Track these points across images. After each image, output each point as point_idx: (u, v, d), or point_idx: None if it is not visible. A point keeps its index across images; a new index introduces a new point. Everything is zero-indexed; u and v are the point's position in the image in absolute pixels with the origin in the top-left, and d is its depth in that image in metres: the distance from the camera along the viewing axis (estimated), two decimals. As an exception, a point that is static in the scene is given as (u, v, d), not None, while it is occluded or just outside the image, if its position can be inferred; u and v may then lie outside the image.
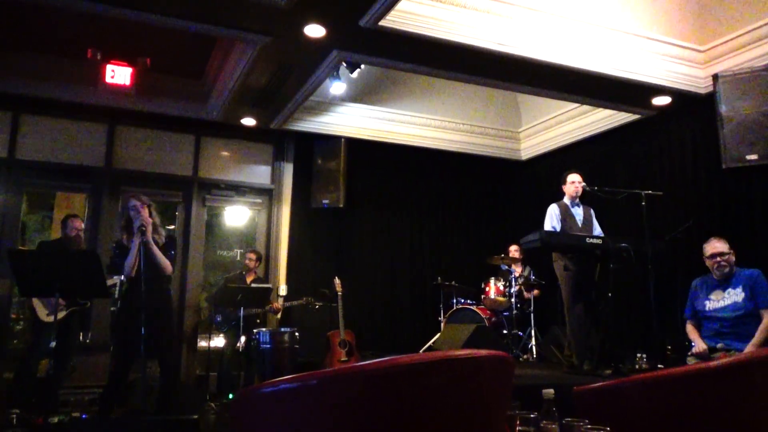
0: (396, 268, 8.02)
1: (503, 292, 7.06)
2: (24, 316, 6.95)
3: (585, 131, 7.58)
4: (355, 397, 1.43)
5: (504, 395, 1.66)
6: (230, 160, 7.64)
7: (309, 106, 7.23)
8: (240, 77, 5.99)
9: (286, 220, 7.62)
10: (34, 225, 9.04)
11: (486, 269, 7.53)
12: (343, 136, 7.60)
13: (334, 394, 1.45)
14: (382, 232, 8.04)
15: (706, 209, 6.04)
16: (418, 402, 1.45)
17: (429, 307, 7.79)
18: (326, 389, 1.46)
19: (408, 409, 1.44)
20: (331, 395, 1.46)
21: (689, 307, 4.64)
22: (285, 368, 5.52)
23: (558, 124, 8.01)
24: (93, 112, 6.81)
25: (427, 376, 1.46)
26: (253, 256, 6.86)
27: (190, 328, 7.14)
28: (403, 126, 7.95)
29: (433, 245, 8.27)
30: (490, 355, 1.57)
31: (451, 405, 1.49)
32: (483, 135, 8.43)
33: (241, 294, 5.90)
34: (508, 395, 1.68)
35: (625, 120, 7.01)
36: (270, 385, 1.54)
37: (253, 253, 6.92)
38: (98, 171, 6.92)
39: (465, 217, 8.51)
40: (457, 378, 1.50)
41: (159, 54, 6.04)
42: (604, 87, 6.01)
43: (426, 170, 8.33)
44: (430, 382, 1.46)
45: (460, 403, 1.50)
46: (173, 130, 7.29)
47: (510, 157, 8.66)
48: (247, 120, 7.17)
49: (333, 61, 5.62)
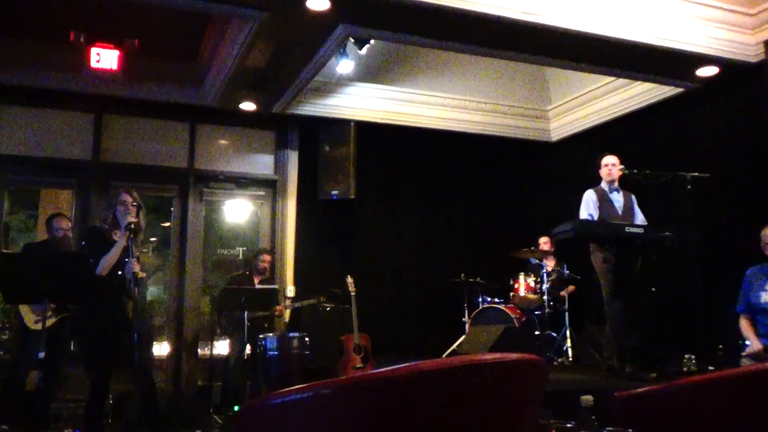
0: (414, 265, 8.02)
1: (534, 288, 7.04)
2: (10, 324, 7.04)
3: (622, 108, 7.52)
4: (373, 407, 1.44)
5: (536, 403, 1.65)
6: (229, 150, 7.67)
7: (314, 87, 7.23)
8: (237, 58, 6.00)
9: (292, 214, 7.64)
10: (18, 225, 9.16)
11: (514, 264, 7.49)
12: (352, 120, 7.59)
13: (350, 405, 1.46)
14: (397, 225, 8.04)
15: (760, 192, 5.96)
16: (442, 412, 1.45)
17: (452, 306, 7.78)
18: (341, 399, 1.47)
19: (431, 419, 1.44)
20: (346, 405, 1.47)
21: (742, 300, 4.60)
22: (294, 377, 5.56)
23: (591, 100, 7.94)
24: (78, 100, 6.86)
25: (451, 384, 1.46)
26: (268, 257, 6.85)
27: (190, 334, 7.21)
28: (419, 107, 7.93)
29: (454, 238, 8.25)
30: (521, 359, 1.57)
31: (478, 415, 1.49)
32: (507, 114, 8.38)
33: (245, 296, 5.91)
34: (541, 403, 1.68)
35: (666, 94, 6.93)
36: (279, 395, 1.55)
37: (269, 254, 6.92)
38: (85, 165, 6.98)
39: (489, 207, 8.47)
40: (485, 385, 1.50)
41: (148, 35, 6.06)
42: (643, 58, 5.95)
43: (445, 155, 8.31)
44: (455, 390, 1.46)
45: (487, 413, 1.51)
46: (166, 117, 7.33)
47: (538, 138, 8.60)
48: (247, 105, 7.19)
49: (339, 36, 5.61)
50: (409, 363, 1.45)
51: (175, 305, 7.22)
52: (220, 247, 8.35)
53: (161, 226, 8.47)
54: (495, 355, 1.53)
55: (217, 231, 8.62)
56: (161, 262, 7.77)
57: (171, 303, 7.30)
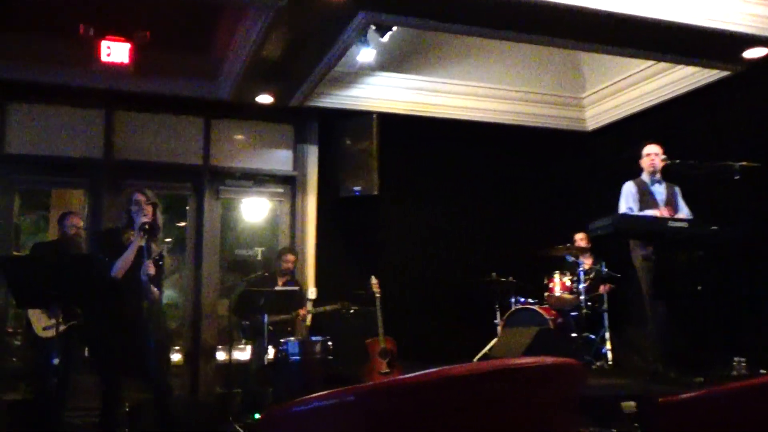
0: (442, 263, 8.01)
1: (570, 288, 7.01)
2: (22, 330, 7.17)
3: (662, 94, 7.43)
4: (400, 415, 1.44)
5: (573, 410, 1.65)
6: (246, 145, 7.72)
7: (333, 78, 7.24)
8: (253, 48, 6.03)
9: (312, 212, 7.67)
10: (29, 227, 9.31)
11: (548, 262, 7.46)
12: (374, 112, 7.60)
13: (376, 413, 1.47)
14: (424, 222, 8.04)
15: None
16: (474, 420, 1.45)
17: (483, 308, 7.75)
18: (366, 406, 1.47)
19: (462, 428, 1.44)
20: (371, 413, 1.47)
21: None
22: (317, 383, 5.58)
23: (629, 86, 7.86)
24: (88, 96, 6.94)
25: (483, 390, 1.46)
26: (292, 257, 6.89)
27: (208, 339, 7.28)
28: (445, 96, 7.91)
29: (484, 235, 8.22)
30: (557, 363, 1.56)
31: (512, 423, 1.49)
32: (539, 103, 8.33)
33: (264, 298, 5.94)
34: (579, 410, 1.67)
35: (711, 78, 6.85)
36: (301, 402, 1.56)
37: (292, 254, 6.95)
38: (97, 163, 7.07)
39: (521, 201, 8.43)
40: (519, 391, 1.50)
41: (160, 27, 6.11)
42: (685, 39, 5.87)
43: (473, 147, 8.27)
44: (487, 396, 1.46)
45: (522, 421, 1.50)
46: (180, 113, 7.40)
47: (573, 128, 8.55)
48: (263, 97, 7.23)
49: (360, 24, 5.61)
50: (439, 368, 1.45)
51: (192, 309, 7.30)
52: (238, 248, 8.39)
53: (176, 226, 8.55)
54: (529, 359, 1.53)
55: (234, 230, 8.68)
56: (176, 263, 7.84)
57: (187, 306, 7.38)
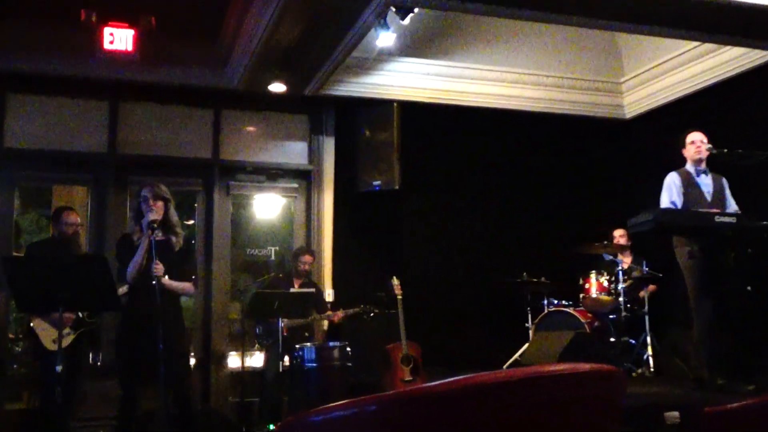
0: (469, 263, 8.01)
1: (608, 289, 6.98)
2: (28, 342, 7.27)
3: (707, 78, 7.38)
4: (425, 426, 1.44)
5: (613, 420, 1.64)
6: (258, 137, 7.76)
7: (351, 64, 7.24)
8: (264, 34, 6.05)
9: (329, 208, 7.70)
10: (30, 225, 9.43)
11: (584, 261, 7.43)
12: (395, 100, 7.60)
13: (398, 423, 1.47)
14: (448, 218, 8.04)
15: None
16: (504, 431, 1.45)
17: (513, 310, 7.74)
18: (388, 416, 1.48)
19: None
20: (394, 424, 1.47)
21: None
22: (335, 391, 5.61)
23: (671, 70, 7.80)
24: (90, 86, 7.01)
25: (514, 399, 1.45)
26: (309, 258, 6.93)
27: (219, 344, 7.33)
28: (471, 83, 7.89)
29: (514, 232, 8.20)
30: (595, 369, 1.56)
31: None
32: (573, 89, 8.30)
33: (278, 301, 5.95)
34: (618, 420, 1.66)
35: (760, 60, 6.77)
36: (320, 412, 1.57)
37: (310, 254, 6.99)
38: (101, 158, 7.14)
39: (554, 195, 8.39)
40: (553, 400, 1.49)
41: (165, 12, 6.16)
42: (732, 17, 5.81)
43: (502, 138, 8.25)
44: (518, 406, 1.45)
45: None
46: (187, 103, 7.45)
47: (610, 115, 8.51)
48: (276, 86, 7.25)
49: (379, 5, 5.60)
50: (466, 375, 1.45)
51: (202, 312, 7.35)
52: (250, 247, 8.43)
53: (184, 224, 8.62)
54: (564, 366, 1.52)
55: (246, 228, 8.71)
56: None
57: (197, 309, 7.43)
